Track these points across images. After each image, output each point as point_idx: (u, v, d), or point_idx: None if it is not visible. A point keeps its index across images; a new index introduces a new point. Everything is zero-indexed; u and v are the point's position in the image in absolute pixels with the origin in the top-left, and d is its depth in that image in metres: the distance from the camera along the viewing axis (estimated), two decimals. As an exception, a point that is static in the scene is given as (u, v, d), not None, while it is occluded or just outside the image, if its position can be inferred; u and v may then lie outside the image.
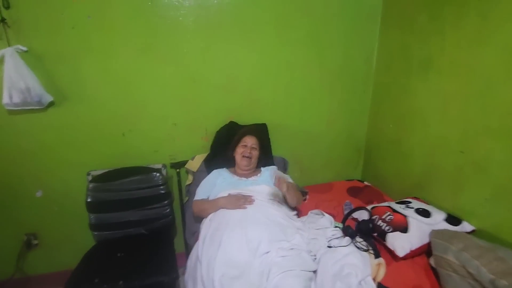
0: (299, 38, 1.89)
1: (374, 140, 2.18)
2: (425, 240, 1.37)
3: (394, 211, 1.52)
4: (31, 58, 1.55)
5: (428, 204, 1.60)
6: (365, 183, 2.14)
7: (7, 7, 1.47)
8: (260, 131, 1.83)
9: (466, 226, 1.41)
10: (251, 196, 1.50)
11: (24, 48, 1.52)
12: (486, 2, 1.27)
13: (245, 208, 1.44)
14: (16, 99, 1.52)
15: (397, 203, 1.61)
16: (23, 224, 1.81)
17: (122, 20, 1.62)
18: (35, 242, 1.85)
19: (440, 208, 1.54)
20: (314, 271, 1.27)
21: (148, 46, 1.68)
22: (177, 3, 1.65)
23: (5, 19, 1.47)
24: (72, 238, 1.85)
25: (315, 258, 1.34)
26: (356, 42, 1.99)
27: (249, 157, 1.66)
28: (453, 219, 1.44)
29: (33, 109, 1.59)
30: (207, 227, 1.43)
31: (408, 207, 1.53)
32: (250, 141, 1.70)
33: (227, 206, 1.46)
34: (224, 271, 1.17)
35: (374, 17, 1.97)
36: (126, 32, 1.64)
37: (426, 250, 1.38)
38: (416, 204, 1.57)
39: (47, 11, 1.52)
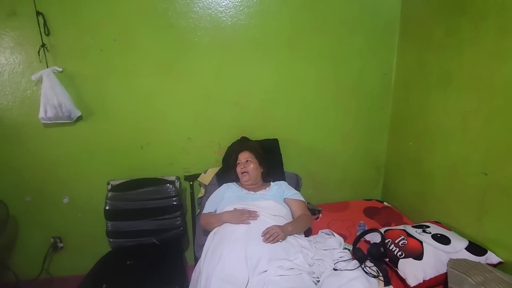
0: (313, 55, 1.90)
1: (394, 158, 2.07)
2: (442, 269, 1.26)
3: (409, 235, 1.41)
4: (65, 77, 1.73)
5: (449, 229, 1.47)
6: (385, 203, 2.03)
7: (48, 34, 1.68)
8: (253, 144, 1.83)
9: (491, 257, 1.27)
10: (256, 211, 1.50)
11: (59, 69, 1.71)
12: (505, 15, 1.19)
13: (248, 223, 1.43)
14: (50, 113, 1.69)
15: (414, 227, 1.50)
16: (51, 228, 1.96)
17: (143, 42, 1.76)
18: (61, 245, 2.00)
19: (462, 235, 1.41)
20: (315, 294, 1.21)
21: (166, 66, 1.80)
22: (193, 25, 1.77)
23: (45, 44, 1.68)
24: (93, 244, 1.95)
25: (318, 281, 1.28)
26: (372, 58, 1.95)
27: (247, 172, 1.67)
28: (476, 248, 1.30)
29: (64, 122, 1.76)
30: (210, 241, 1.44)
31: (425, 232, 1.42)
32: (243, 156, 1.71)
33: (231, 220, 1.46)
34: (220, 285, 1.17)
35: (391, 33, 1.92)
36: (147, 53, 1.77)
37: (443, 282, 1.26)
38: (435, 229, 1.45)
39: (80, 36, 1.71)
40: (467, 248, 1.30)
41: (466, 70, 1.39)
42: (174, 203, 1.83)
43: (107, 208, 1.78)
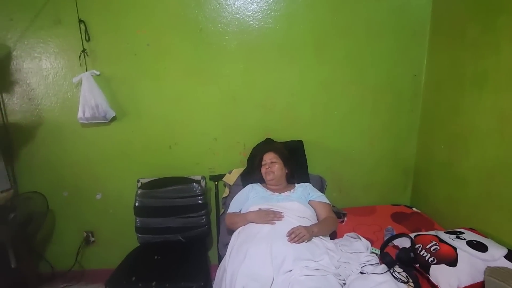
0: (339, 58, 1.90)
1: (424, 162, 2.00)
2: (478, 278, 1.19)
3: (441, 241, 1.35)
4: (102, 80, 1.85)
5: (485, 237, 1.39)
6: (414, 209, 1.95)
7: (88, 40, 1.81)
8: (278, 145, 1.84)
9: (534, 267, 1.18)
10: (281, 212, 1.50)
11: (97, 72, 1.84)
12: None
13: (273, 223, 1.44)
14: (88, 114, 1.81)
15: (447, 232, 1.43)
16: (84, 222, 2.08)
17: (174, 46, 1.84)
18: (93, 239, 2.11)
19: (501, 242, 1.33)
20: (341, 297, 1.19)
21: (195, 69, 1.88)
22: (222, 30, 1.83)
23: (86, 50, 1.81)
24: (122, 239, 2.03)
25: (344, 283, 1.26)
26: (401, 59, 1.91)
27: (272, 171, 1.68)
28: (516, 257, 1.22)
29: (99, 123, 1.88)
30: (235, 239, 1.46)
31: (459, 238, 1.35)
32: (267, 157, 1.72)
33: (256, 220, 1.47)
34: (246, 283, 1.17)
35: (422, 33, 1.88)
36: (177, 57, 1.86)
37: (479, 291, 1.19)
38: (470, 235, 1.37)
39: (116, 42, 1.83)
40: (506, 256, 1.22)
41: (504, 69, 1.32)
42: (200, 202, 1.87)
43: (136, 204, 1.85)
